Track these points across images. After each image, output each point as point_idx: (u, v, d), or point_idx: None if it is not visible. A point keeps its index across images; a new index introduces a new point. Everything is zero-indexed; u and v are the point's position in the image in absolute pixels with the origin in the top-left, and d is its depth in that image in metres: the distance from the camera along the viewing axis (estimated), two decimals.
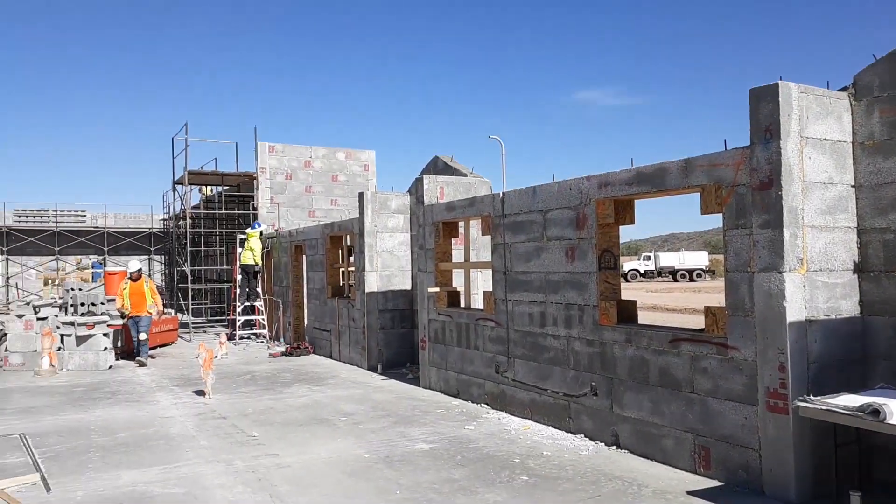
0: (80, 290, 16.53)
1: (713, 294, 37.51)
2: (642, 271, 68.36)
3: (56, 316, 13.80)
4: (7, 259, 36.27)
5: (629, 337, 6.74)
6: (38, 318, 13.52)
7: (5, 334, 13.73)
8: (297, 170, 22.44)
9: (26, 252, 36.64)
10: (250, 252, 17.81)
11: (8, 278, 36.32)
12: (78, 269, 37.57)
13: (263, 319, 18.22)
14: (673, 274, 66.62)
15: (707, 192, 5.93)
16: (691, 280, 64.46)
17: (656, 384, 6.43)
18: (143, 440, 7.65)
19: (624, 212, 7.08)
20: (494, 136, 34.44)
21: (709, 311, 6.06)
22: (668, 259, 69.38)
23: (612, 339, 6.93)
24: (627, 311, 7.11)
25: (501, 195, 8.65)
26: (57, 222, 36.69)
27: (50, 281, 36.61)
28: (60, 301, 16.10)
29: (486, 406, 8.95)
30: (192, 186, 24.06)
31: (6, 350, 13.46)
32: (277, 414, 8.98)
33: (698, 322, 8.46)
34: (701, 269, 66.81)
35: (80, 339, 13.35)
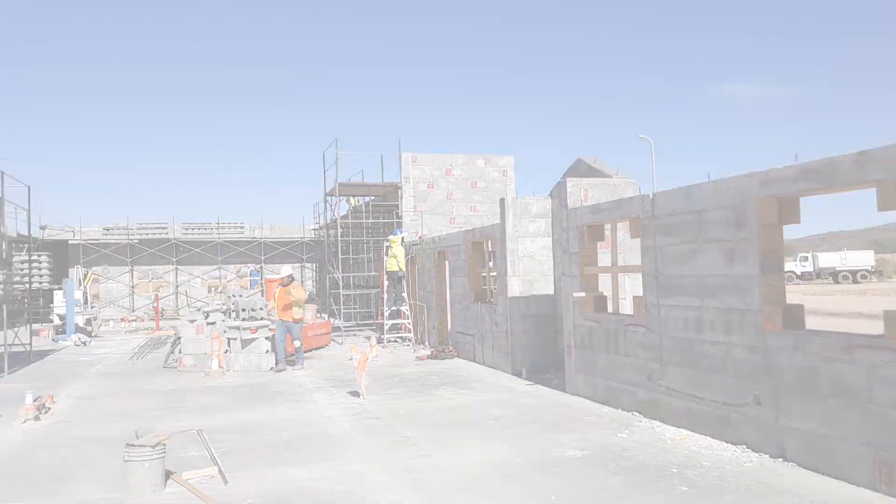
0: (240, 296, 17.74)
1: (881, 297, 34.56)
2: (799, 273, 64.03)
3: (223, 321, 14.85)
4: (176, 269, 39.59)
5: (796, 343, 6.33)
6: (208, 323, 14.60)
7: (180, 338, 14.95)
8: (438, 178, 22.94)
9: (192, 262, 39.86)
10: (394, 259, 18.43)
11: (177, 286, 39.61)
12: (238, 276, 40.37)
13: (409, 323, 18.74)
14: (834, 275, 61.99)
15: (885, 187, 5.47)
16: (854, 282, 59.68)
17: (828, 394, 6.00)
18: (305, 438, 8.08)
19: (788, 211, 6.67)
20: (643, 136, 33.43)
21: (889, 316, 5.58)
22: (828, 259, 64.67)
23: (778, 345, 6.53)
24: (793, 316, 6.68)
25: (651, 196, 8.40)
26: (219, 234, 39.60)
27: (213, 288, 39.60)
28: (223, 307, 17.34)
29: (637, 414, 8.71)
30: (342, 197, 25.21)
31: (180, 352, 14.65)
32: (428, 416, 9.19)
33: (867, 327, 7.83)
34: (866, 270, 61.76)
35: (245, 343, 14.29)
